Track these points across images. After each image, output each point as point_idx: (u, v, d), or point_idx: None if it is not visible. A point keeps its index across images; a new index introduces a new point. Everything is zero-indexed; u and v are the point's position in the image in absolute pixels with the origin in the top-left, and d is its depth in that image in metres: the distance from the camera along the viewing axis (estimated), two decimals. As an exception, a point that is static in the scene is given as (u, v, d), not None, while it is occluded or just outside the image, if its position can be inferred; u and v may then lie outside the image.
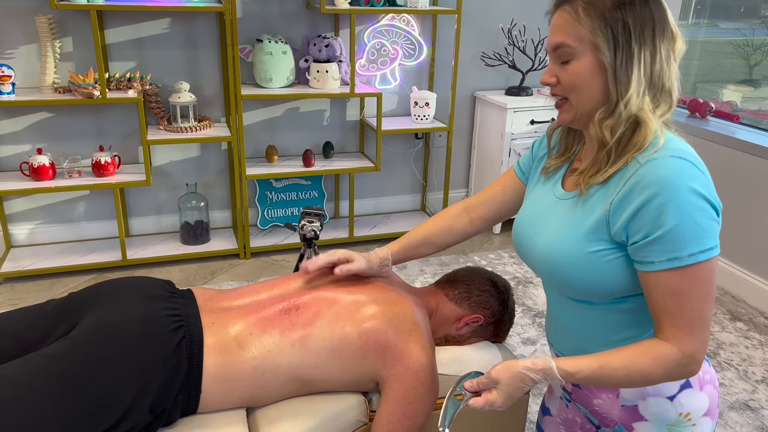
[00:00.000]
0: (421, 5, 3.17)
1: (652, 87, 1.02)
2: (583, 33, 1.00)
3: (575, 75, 1.03)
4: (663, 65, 1.02)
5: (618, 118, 1.01)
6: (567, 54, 1.02)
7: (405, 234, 1.49)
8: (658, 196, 0.96)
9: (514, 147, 3.49)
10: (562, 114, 1.09)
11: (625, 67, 1.00)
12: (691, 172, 0.96)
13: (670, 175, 0.96)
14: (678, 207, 0.95)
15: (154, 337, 1.27)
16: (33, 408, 1.16)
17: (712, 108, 3.24)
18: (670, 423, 1.10)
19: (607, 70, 1.00)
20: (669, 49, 1.02)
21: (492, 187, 1.39)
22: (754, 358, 2.55)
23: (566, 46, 1.02)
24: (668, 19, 1.02)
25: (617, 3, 0.99)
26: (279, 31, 3.23)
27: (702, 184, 0.97)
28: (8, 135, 3.01)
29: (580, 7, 1.00)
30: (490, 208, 1.39)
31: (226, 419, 1.34)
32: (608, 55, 0.99)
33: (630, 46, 0.99)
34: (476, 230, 1.43)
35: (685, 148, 1.00)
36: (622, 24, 0.98)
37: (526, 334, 2.65)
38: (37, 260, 3.03)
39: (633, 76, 1.00)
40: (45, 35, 2.79)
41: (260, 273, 3.13)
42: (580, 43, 1.01)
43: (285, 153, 3.47)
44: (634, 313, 1.08)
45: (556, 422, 1.34)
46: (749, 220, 2.94)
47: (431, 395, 1.37)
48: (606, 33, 0.99)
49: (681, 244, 0.96)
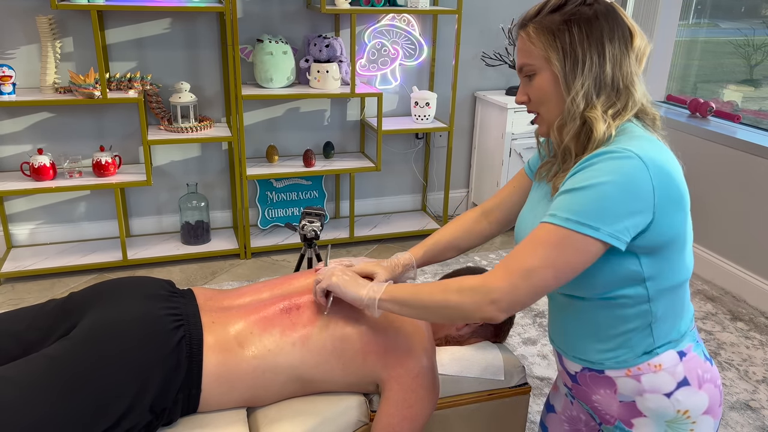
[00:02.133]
0: (421, 5, 3.17)
1: (604, 87, 1.06)
2: (538, 51, 1.08)
3: (539, 90, 1.10)
4: (615, 65, 1.06)
5: (567, 119, 1.07)
6: (529, 71, 1.10)
7: (426, 238, 1.47)
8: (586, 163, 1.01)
9: (514, 147, 3.49)
10: (539, 127, 1.16)
11: (573, 72, 1.05)
12: (632, 162, 0.98)
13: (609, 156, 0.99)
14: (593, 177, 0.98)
15: (153, 337, 1.27)
16: (33, 408, 1.16)
17: (712, 108, 3.24)
18: (669, 420, 1.10)
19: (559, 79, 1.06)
20: (623, 49, 1.06)
21: (505, 188, 1.41)
22: (754, 358, 2.55)
23: (527, 65, 1.10)
24: (620, 20, 1.07)
25: (563, 18, 1.06)
26: (279, 31, 3.23)
27: (638, 177, 0.97)
28: (9, 135, 3.02)
29: (531, 29, 1.08)
30: (506, 210, 1.40)
31: (227, 419, 1.34)
32: (558, 65, 1.06)
33: (575, 52, 1.05)
34: (496, 232, 1.45)
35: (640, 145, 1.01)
36: (568, 34, 1.05)
37: (527, 334, 2.65)
38: (37, 260, 3.03)
39: (577, 80, 1.05)
40: (45, 35, 2.79)
41: (261, 273, 3.13)
42: (537, 60, 1.08)
43: (285, 153, 3.47)
44: (626, 308, 1.08)
45: (560, 419, 1.35)
46: (749, 220, 2.94)
47: (431, 398, 1.36)
48: (555, 45, 1.06)
49: (570, 206, 0.99)
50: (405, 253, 1.46)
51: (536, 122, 1.16)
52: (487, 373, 1.52)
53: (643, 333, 1.09)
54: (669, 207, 1.00)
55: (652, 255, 1.03)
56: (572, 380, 1.21)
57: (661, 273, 1.05)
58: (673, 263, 1.06)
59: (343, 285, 1.27)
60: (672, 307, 1.09)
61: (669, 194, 1.00)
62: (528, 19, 1.10)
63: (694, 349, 1.12)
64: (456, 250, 1.46)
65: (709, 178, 3.13)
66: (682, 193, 1.03)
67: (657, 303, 1.07)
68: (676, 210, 1.02)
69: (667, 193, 0.99)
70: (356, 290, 1.25)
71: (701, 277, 3.22)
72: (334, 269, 1.32)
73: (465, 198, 3.99)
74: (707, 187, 3.14)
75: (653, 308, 1.07)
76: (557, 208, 1.01)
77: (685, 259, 1.08)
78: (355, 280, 1.28)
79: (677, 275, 1.08)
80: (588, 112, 1.05)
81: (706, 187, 3.15)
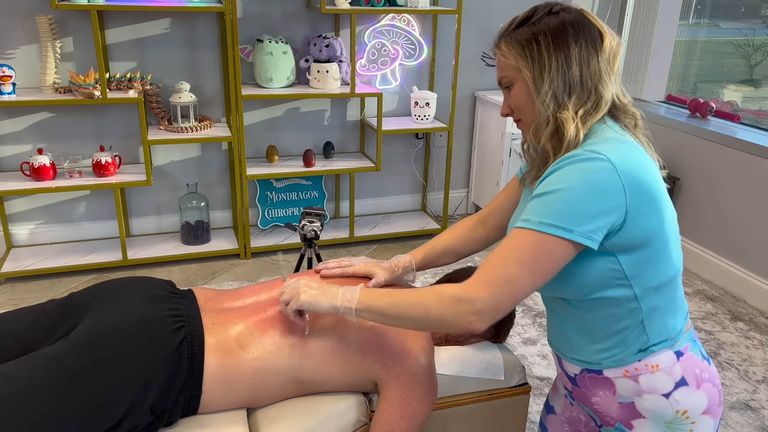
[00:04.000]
0: (421, 5, 3.17)
1: (573, 87, 1.08)
2: (510, 63, 1.12)
3: (516, 98, 1.14)
4: (583, 65, 1.07)
5: (541, 122, 1.09)
6: (507, 83, 1.14)
7: (426, 243, 1.50)
8: (556, 167, 1.02)
9: (514, 147, 3.49)
10: (523, 134, 1.19)
11: (540, 77, 1.08)
12: (600, 164, 1.00)
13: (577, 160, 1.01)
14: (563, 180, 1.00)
15: (155, 338, 1.27)
16: (34, 408, 1.16)
17: (712, 108, 3.24)
18: (668, 421, 1.10)
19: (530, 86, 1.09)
20: (591, 49, 1.07)
21: (500, 195, 1.43)
22: (754, 358, 2.55)
23: (504, 78, 1.14)
24: (587, 22, 1.09)
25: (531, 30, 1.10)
26: (279, 31, 3.23)
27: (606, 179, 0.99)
28: (9, 135, 3.02)
29: (503, 44, 1.13)
30: (501, 215, 1.42)
31: (227, 419, 1.34)
32: (527, 73, 1.10)
33: (542, 57, 1.08)
34: (494, 238, 1.46)
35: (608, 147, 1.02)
36: (535, 43, 1.08)
37: (527, 334, 2.65)
38: (37, 260, 3.03)
39: (545, 83, 1.07)
40: (46, 35, 2.79)
41: (261, 273, 3.13)
42: (511, 72, 1.12)
43: (285, 153, 3.47)
44: (615, 307, 1.08)
45: (560, 420, 1.35)
46: (749, 220, 2.94)
47: (430, 397, 1.36)
48: (524, 55, 1.10)
49: (542, 210, 1.01)
50: (405, 256, 1.48)
51: (520, 129, 1.19)
52: (487, 373, 1.52)
53: (636, 330, 1.09)
54: (642, 206, 1.01)
55: (630, 253, 1.04)
56: (572, 383, 1.21)
57: (644, 271, 1.06)
58: (656, 261, 1.06)
59: (313, 300, 1.22)
60: (663, 303, 1.10)
61: (641, 193, 1.01)
62: (501, 37, 1.15)
63: (692, 349, 1.12)
64: (454, 256, 1.49)
65: (709, 178, 3.13)
66: (654, 192, 1.03)
67: (646, 301, 1.08)
68: (649, 208, 1.03)
69: (638, 193, 1.01)
70: (330, 301, 1.20)
71: (701, 277, 3.22)
72: (299, 284, 1.26)
73: (465, 198, 3.99)
74: (707, 187, 3.14)
75: (643, 306, 1.08)
76: (529, 213, 1.03)
77: (670, 256, 1.08)
78: (325, 291, 1.23)
79: (663, 273, 1.08)
80: (559, 114, 1.07)
81: (705, 187, 3.15)
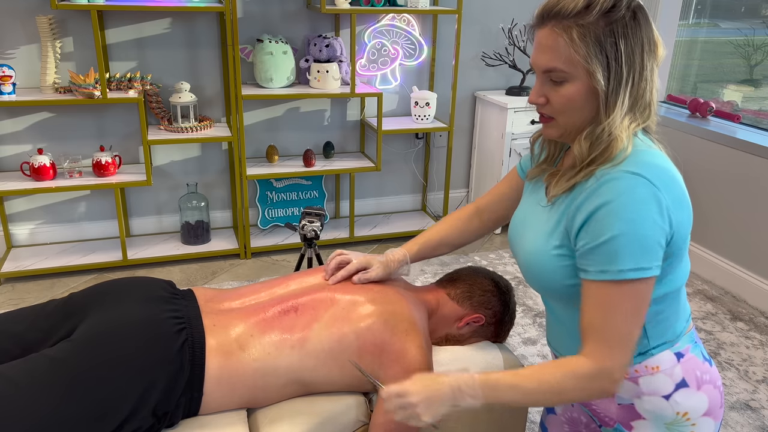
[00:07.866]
0: (421, 5, 3.17)
1: (637, 102, 1.03)
2: (578, 59, 0.98)
3: (567, 98, 1.02)
4: (648, 81, 1.02)
5: (600, 136, 1.01)
6: (559, 77, 1.01)
7: (419, 235, 1.50)
8: (605, 206, 0.97)
9: (514, 147, 3.49)
10: (549, 129, 1.09)
11: (615, 91, 1.00)
12: (643, 189, 0.97)
13: (622, 190, 0.97)
14: (621, 219, 0.96)
15: (157, 340, 1.27)
16: (35, 410, 1.15)
17: (712, 108, 3.24)
18: (668, 422, 1.10)
19: (599, 94, 1.00)
20: (654, 62, 1.02)
21: (498, 187, 1.41)
22: (754, 358, 2.55)
23: (558, 71, 1.00)
24: (653, 31, 1.02)
25: (608, 22, 0.97)
26: (279, 31, 3.23)
27: (653, 203, 0.96)
28: (9, 135, 3.02)
29: (574, 32, 0.97)
30: (499, 209, 1.41)
31: (227, 420, 1.34)
32: (602, 83, 0.99)
33: (621, 70, 0.99)
34: (488, 230, 1.45)
35: (649, 161, 1.00)
36: (615, 49, 0.97)
37: (527, 334, 2.65)
38: (37, 260, 3.03)
39: (619, 99, 1.00)
40: (46, 35, 2.79)
41: (261, 273, 3.13)
42: (574, 68, 0.99)
43: (285, 153, 3.47)
44: None
45: (560, 420, 1.35)
46: (749, 220, 2.94)
47: None
48: (602, 60, 0.97)
49: (616, 257, 0.97)
50: (398, 250, 1.48)
51: (547, 125, 1.08)
52: (487, 373, 1.52)
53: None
54: (681, 216, 1.01)
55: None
56: None
57: (660, 280, 1.05)
58: (672, 270, 1.06)
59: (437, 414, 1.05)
60: (667, 309, 1.09)
61: (680, 205, 1.01)
62: (567, 16, 0.97)
63: (692, 350, 1.12)
64: (448, 247, 1.48)
65: (709, 178, 3.13)
66: (688, 199, 1.04)
67: (653, 307, 1.06)
68: (685, 216, 1.03)
69: (678, 204, 1.00)
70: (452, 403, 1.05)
71: (701, 277, 3.22)
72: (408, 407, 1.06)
73: (465, 198, 3.99)
74: (707, 187, 3.14)
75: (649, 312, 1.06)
76: (603, 263, 0.98)
77: (682, 265, 1.08)
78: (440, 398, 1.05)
79: (675, 281, 1.08)
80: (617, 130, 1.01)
81: (706, 187, 3.15)
